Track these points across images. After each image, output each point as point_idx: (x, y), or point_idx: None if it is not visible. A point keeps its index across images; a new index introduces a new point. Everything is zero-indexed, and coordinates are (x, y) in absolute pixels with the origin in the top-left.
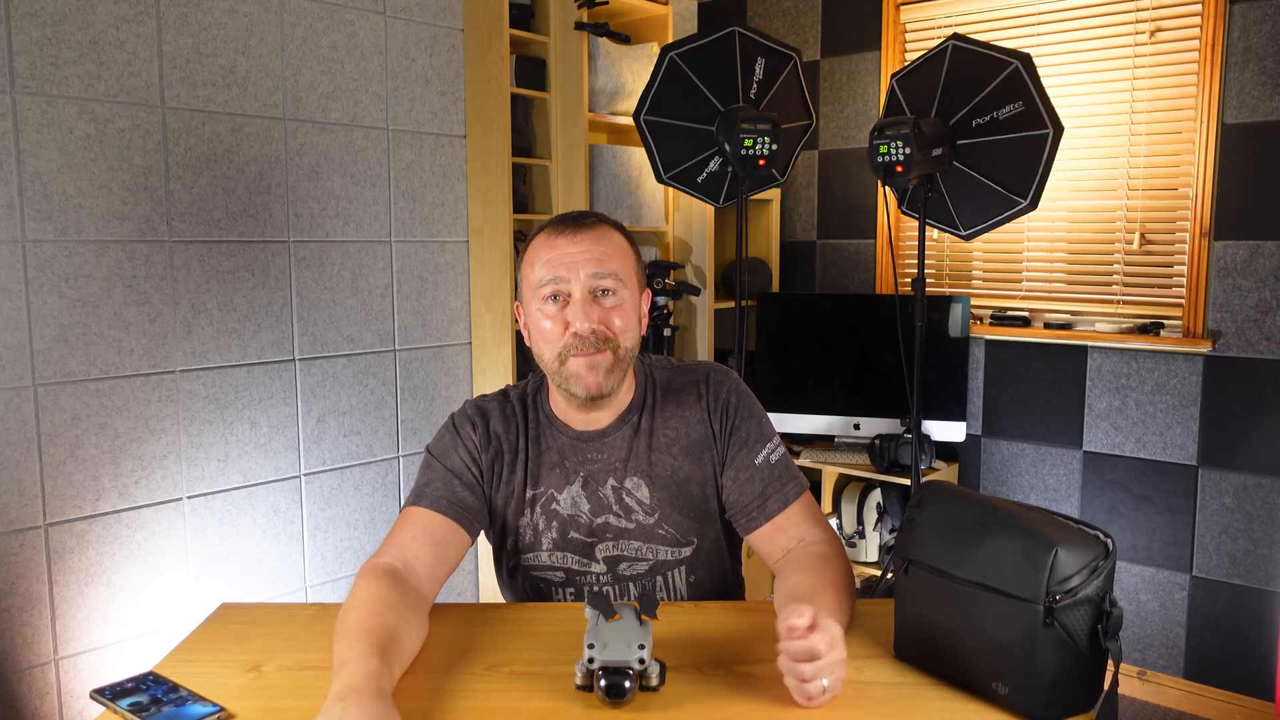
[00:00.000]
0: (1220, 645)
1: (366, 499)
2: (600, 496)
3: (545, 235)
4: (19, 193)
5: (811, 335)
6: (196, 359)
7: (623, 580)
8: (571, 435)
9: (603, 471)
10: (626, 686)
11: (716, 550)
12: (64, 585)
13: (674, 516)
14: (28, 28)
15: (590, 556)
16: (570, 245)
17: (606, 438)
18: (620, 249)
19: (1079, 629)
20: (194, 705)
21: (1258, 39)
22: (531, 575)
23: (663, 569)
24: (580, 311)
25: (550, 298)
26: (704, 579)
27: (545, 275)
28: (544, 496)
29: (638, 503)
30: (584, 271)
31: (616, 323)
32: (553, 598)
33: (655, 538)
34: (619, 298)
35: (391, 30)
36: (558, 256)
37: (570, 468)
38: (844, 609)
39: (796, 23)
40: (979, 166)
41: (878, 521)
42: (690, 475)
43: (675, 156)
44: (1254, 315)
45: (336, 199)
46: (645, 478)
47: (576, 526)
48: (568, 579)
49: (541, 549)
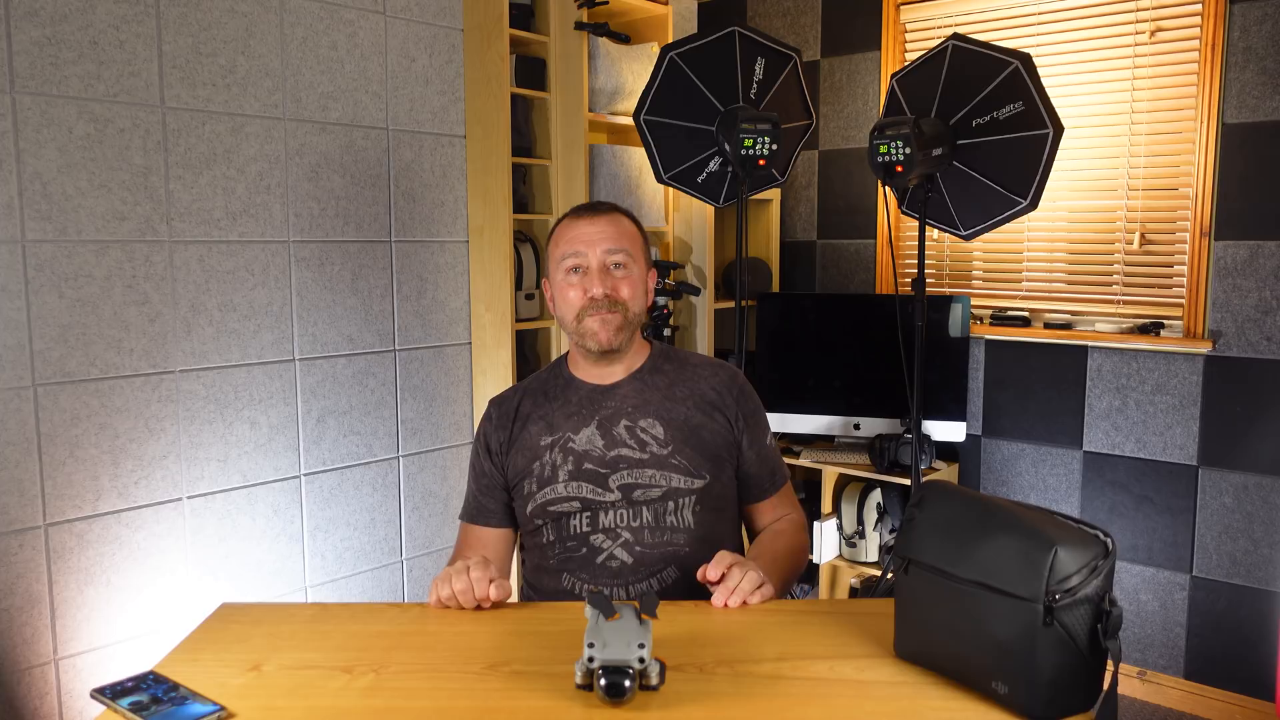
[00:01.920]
0: (1220, 645)
1: (366, 499)
2: (614, 434)
3: (569, 219)
4: (19, 193)
5: (811, 335)
6: (196, 359)
7: (636, 505)
8: (589, 389)
9: (616, 414)
10: (626, 686)
11: (728, 496)
12: (64, 585)
13: (686, 451)
14: (28, 28)
15: (604, 486)
16: (589, 226)
17: (619, 388)
18: (630, 232)
19: (1079, 628)
20: (194, 705)
21: (1258, 39)
22: (548, 510)
23: (675, 495)
24: (596, 279)
25: (572, 269)
26: (712, 520)
27: (568, 250)
28: (561, 439)
29: (652, 438)
30: (600, 248)
31: (625, 290)
32: (569, 528)
33: (668, 466)
34: (628, 271)
35: (391, 30)
36: (578, 235)
37: (586, 414)
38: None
39: (796, 23)
40: (979, 166)
41: (878, 521)
42: (702, 424)
43: (675, 156)
44: (1254, 315)
45: (336, 199)
46: (660, 419)
47: (591, 459)
48: (584, 506)
49: (559, 481)
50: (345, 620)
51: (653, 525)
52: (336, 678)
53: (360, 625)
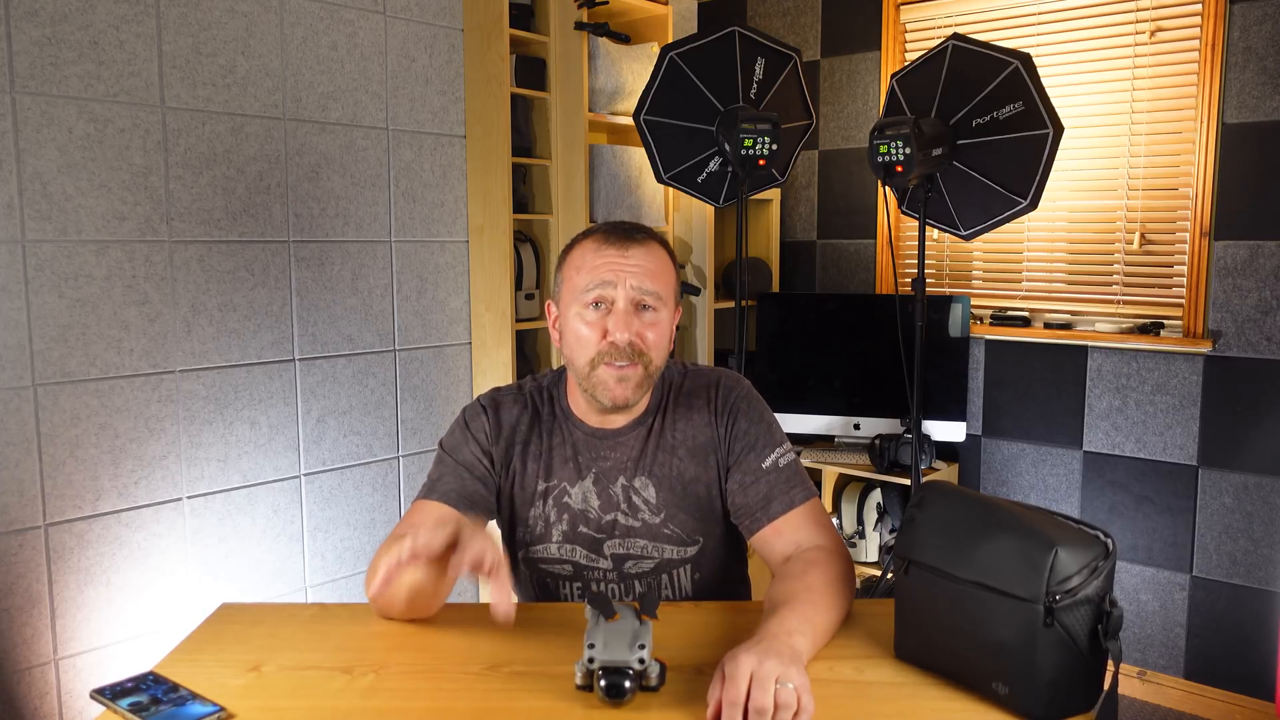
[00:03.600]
0: (1220, 645)
1: (366, 499)
2: (610, 494)
3: (594, 242)
4: (19, 193)
5: (811, 335)
6: (196, 359)
7: (628, 578)
8: (586, 431)
9: (614, 470)
10: (626, 686)
11: (722, 550)
12: (64, 585)
13: (679, 517)
14: (28, 28)
15: (598, 552)
16: (619, 257)
17: (621, 437)
18: (665, 268)
19: (1079, 629)
20: (194, 705)
21: (1258, 39)
22: (539, 568)
23: (668, 568)
24: (621, 322)
25: (593, 304)
26: (709, 578)
27: (591, 281)
28: (556, 489)
29: (644, 502)
30: (630, 283)
31: (650, 338)
32: (559, 593)
33: (661, 536)
34: (657, 315)
35: (391, 30)
36: (606, 264)
37: (583, 463)
38: (819, 614)
39: (796, 23)
40: (979, 166)
41: (878, 521)
42: (696, 477)
43: (675, 156)
44: (1254, 315)
45: (336, 199)
46: (652, 478)
47: (586, 521)
48: (575, 573)
49: (551, 540)
50: (345, 620)
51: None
52: (336, 678)
53: (360, 625)
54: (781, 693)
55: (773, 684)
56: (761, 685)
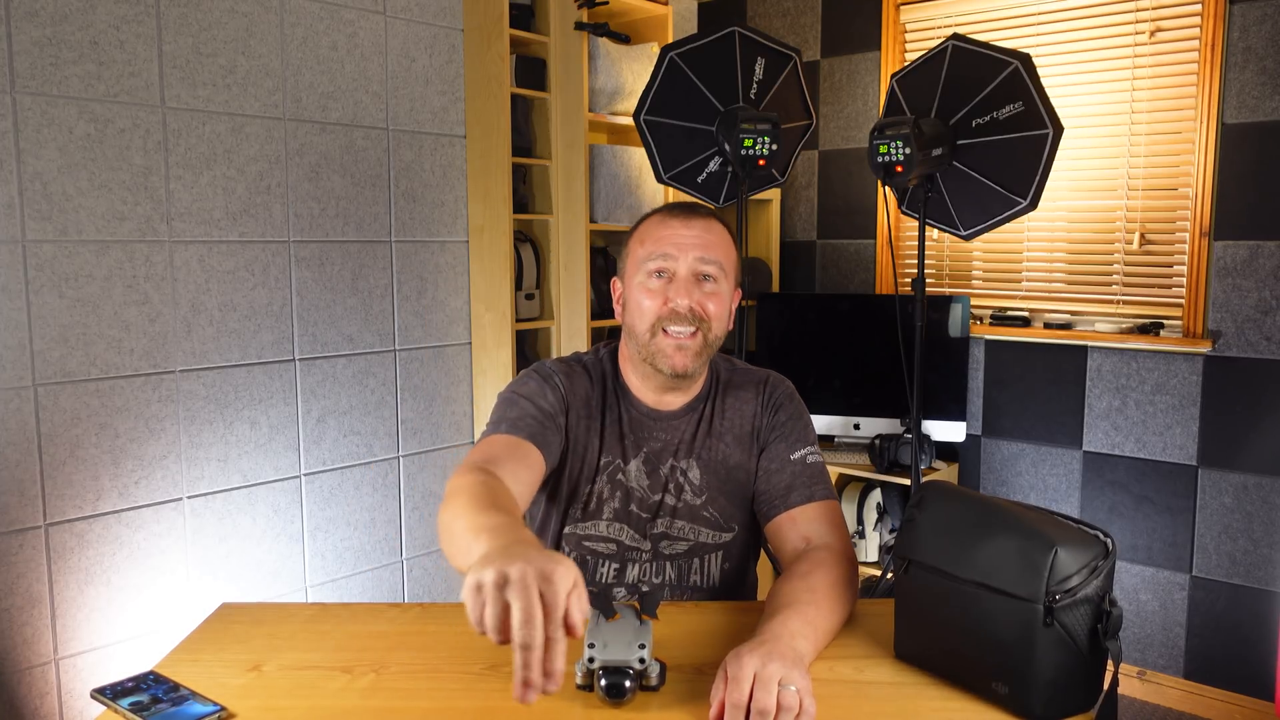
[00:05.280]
0: (1220, 645)
1: (366, 499)
2: (659, 475)
3: (660, 216)
4: (19, 193)
5: (811, 335)
6: (196, 359)
7: (662, 558)
8: (642, 411)
9: (664, 451)
10: (626, 686)
11: (750, 541)
12: (64, 585)
13: (719, 501)
14: (28, 28)
15: (642, 533)
16: (683, 229)
17: (675, 420)
18: (725, 243)
19: (1079, 629)
20: (194, 705)
21: (1258, 39)
22: (582, 545)
23: (701, 551)
24: (682, 289)
25: (655, 273)
26: (734, 570)
27: (654, 251)
28: (612, 465)
29: (689, 483)
30: (691, 254)
31: (711, 308)
32: (595, 572)
33: (700, 519)
34: (717, 285)
35: (391, 30)
36: (669, 236)
37: (636, 441)
38: (822, 617)
39: (796, 23)
40: (979, 166)
41: (878, 521)
42: (739, 464)
43: (675, 156)
44: (1254, 315)
45: (336, 199)
46: (698, 461)
47: (638, 501)
48: (618, 552)
49: (601, 518)
50: (345, 620)
51: (675, 583)
52: (336, 678)
53: (360, 625)
54: (784, 695)
55: (776, 686)
56: (765, 687)
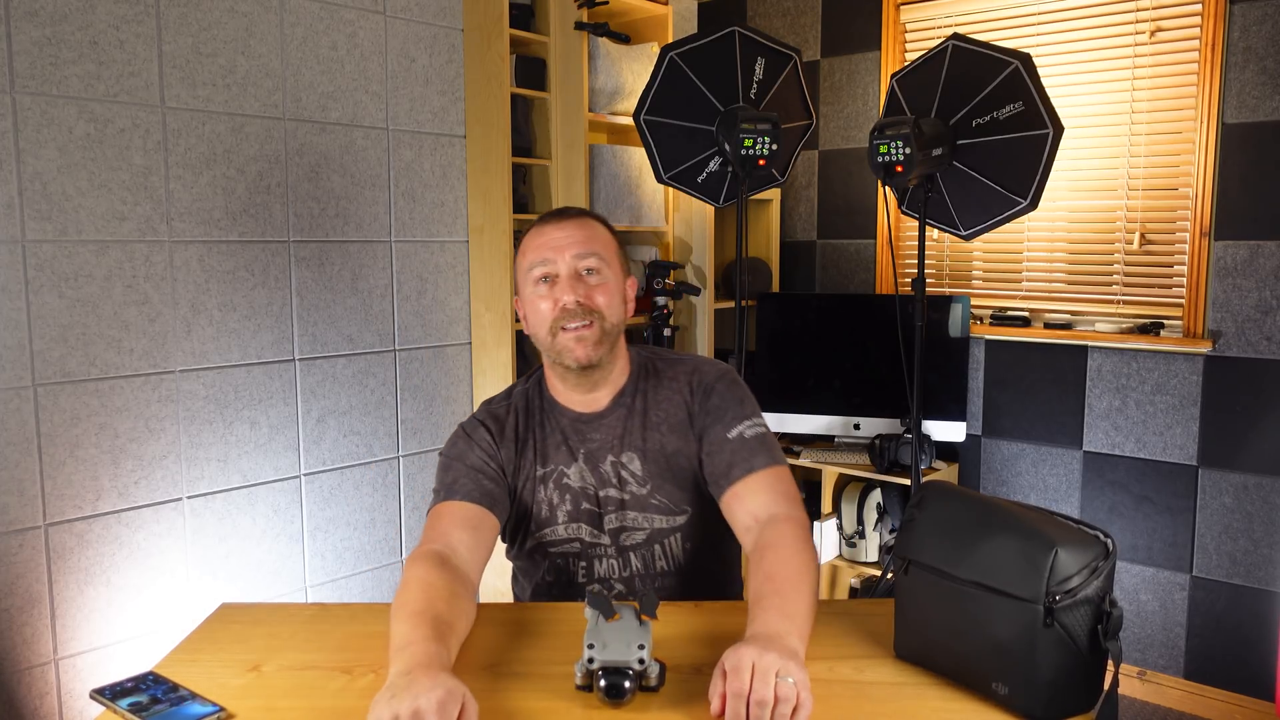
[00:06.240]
0: (1220, 645)
1: (366, 499)
2: (601, 472)
3: (536, 227)
4: (19, 193)
5: (811, 335)
6: (196, 359)
7: (625, 551)
8: (571, 416)
9: (601, 449)
10: (626, 686)
11: (713, 521)
12: (64, 585)
13: (665, 487)
14: (28, 28)
15: (599, 528)
16: (557, 231)
17: (604, 418)
18: (601, 235)
19: (1079, 629)
20: (194, 705)
21: (1258, 39)
22: (550, 552)
23: (659, 537)
24: (567, 287)
25: (541, 279)
26: (701, 547)
27: (535, 259)
28: (555, 473)
29: (631, 475)
30: (569, 253)
31: (600, 299)
32: (569, 572)
33: (649, 507)
34: (602, 276)
35: (391, 30)
36: (546, 242)
37: (573, 446)
38: (792, 604)
39: (796, 23)
40: (979, 166)
41: (878, 521)
42: (678, 450)
43: (675, 156)
44: (1254, 315)
45: (336, 199)
46: (637, 452)
47: (586, 498)
48: (581, 550)
49: (558, 522)
50: (345, 620)
51: (643, 573)
52: (336, 678)
53: (360, 625)
54: (782, 686)
55: (773, 677)
56: (763, 678)
